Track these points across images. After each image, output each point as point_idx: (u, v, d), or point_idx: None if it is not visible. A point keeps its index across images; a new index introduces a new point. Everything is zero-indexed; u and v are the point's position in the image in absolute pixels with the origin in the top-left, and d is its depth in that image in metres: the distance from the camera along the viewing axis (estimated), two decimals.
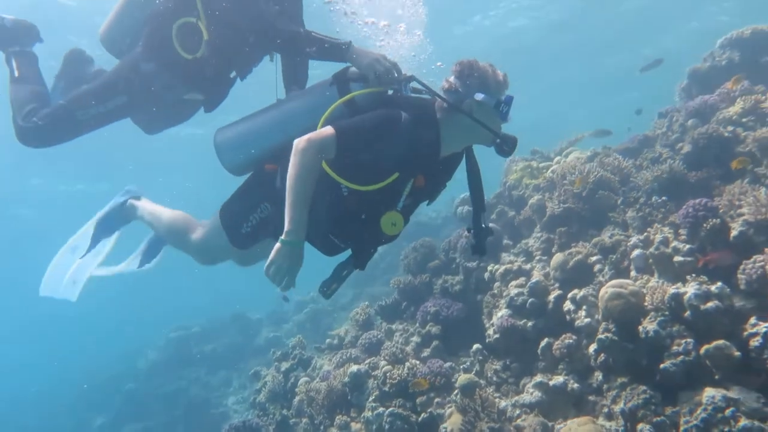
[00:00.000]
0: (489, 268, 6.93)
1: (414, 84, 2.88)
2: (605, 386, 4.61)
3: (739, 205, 4.60)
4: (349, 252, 2.95)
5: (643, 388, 4.12)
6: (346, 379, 6.55)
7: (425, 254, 8.23)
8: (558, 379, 5.03)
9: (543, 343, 5.40)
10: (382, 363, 6.57)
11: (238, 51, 3.31)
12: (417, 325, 7.27)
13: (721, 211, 4.67)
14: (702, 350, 3.87)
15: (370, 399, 6.11)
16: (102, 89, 3.34)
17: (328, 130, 2.58)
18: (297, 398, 7.45)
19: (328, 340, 9.44)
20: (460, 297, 7.22)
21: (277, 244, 2.50)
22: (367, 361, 6.88)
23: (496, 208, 8.03)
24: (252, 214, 2.98)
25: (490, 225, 3.01)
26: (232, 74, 3.55)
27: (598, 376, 4.73)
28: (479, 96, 2.68)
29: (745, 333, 3.92)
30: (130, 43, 3.51)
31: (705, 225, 4.53)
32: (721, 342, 3.83)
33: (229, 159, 3.05)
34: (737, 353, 3.79)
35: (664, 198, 5.60)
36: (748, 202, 4.52)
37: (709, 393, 3.74)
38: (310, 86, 3.16)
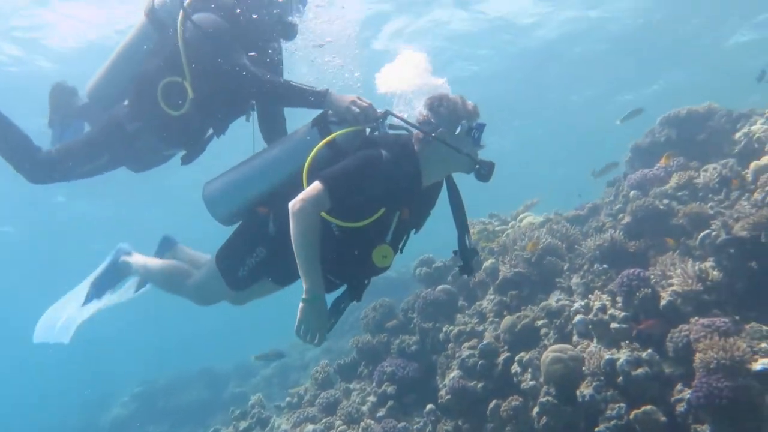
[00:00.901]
0: (444, 328, 7.17)
1: (391, 120, 3.05)
2: None
3: (670, 276, 4.97)
4: (341, 287, 3.09)
5: None
6: None
7: (384, 314, 8.43)
8: None
9: (492, 404, 5.61)
10: (338, 423, 6.70)
11: (221, 106, 3.46)
12: (374, 384, 7.41)
13: (653, 281, 5.02)
14: (632, 415, 4.14)
15: None
16: (86, 149, 3.49)
17: (318, 186, 2.68)
18: None
19: (288, 399, 9.48)
20: (417, 357, 7.41)
21: (300, 304, 2.61)
22: (323, 421, 7.00)
23: (452, 270, 8.31)
24: (248, 258, 3.08)
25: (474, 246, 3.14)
26: (209, 132, 3.71)
27: None
28: (452, 126, 2.85)
29: (672, 398, 4.20)
30: (116, 98, 3.64)
31: (638, 294, 4.87)
32: (649, 407, 4.11)
33: (219, 210, 3.18)
34: (663, 418, 4.07)
35: (605, 266, 5.96)
36: (677, 274, 4.89)
37: None
38: (290, 133, 3.29)
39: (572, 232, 7.11)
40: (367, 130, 3.06)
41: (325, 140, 2.89)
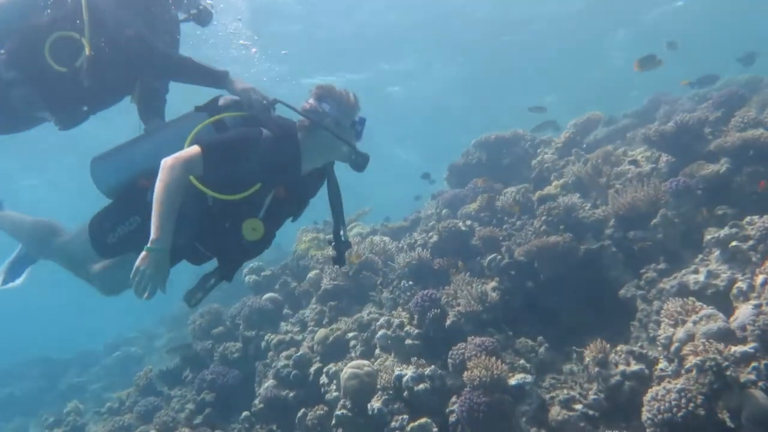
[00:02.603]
0: (266, 337, 7.41)
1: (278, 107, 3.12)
2: None
3: (458, 297, 5.57)
4: (214, 263, 3.08)
5: None
6: None
7: (210, 320, 8.54)
8: None
9: (300, 413, 5.95)
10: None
11: (111, 74, 3.33)
12: (194, 392, 7.50)
13: (444, 301, 5.60)
14: (408, 427, 4.66)
15: None
16: None
17: (195, 149, 2.71)
18: None
19: (108, 404, 9.30)
20: (239, 364, 7.61)
21: (143, 252, 2.58)
22: (138, 429, 6.97)
23: (280, 278, 8.56)
24: (120, 225, 3.02)
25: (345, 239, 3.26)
26: (84, 108, 3.55)
27: None
28: (337, 116, 3.01)
29: (447, 410, 4.77)
30: None
31: (429, 314, 5.41)
32: (424, 420, 4.65)
33: (105, 184, 3.11)
34: (435, 429, 4.62)
35: (410, 282, 6.50)
36: (463, 295, 5.50)
37: None
38: (180, 115, 3.26)
39: (389, 247, 7.63)
40: None
41: (213, 118, 2.97)
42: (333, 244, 3.30)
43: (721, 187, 5.51)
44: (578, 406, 4.45)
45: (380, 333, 5.84)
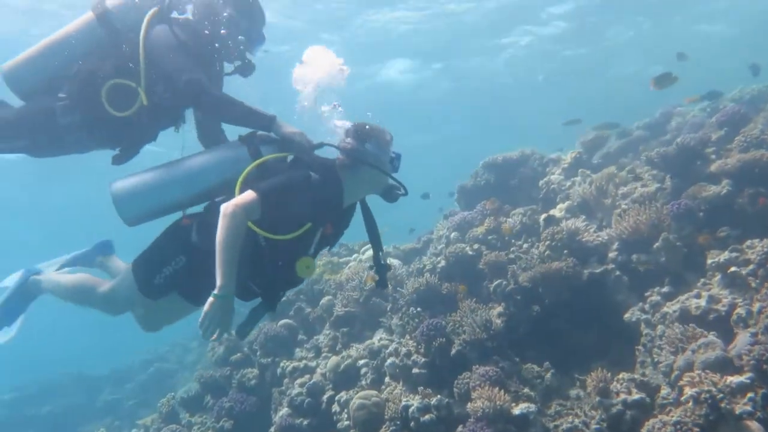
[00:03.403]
0: (281, 364, 7.55)
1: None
2: None
3: (463, 325, 5.66)
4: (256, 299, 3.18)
5: None
6: None
7: (229, 347, 8.68)
8: None
9: None
10: None
11: (167, 115, 3.50)
12: (213, 419, 7.66)
13: (449, 329, 5.69)
14: None
15: None
16: (5, 129, 3.42)
17: (252, 194, 2.83)
18: None
19: (134, 430, 9.48)
20: (256, 390, 7.75)
21: (210, 299, 2.69)
22: None
23: (295, 304, 8.70)
24: (166, 266, 3.11)
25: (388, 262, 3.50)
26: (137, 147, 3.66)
27: None
28: (378, 153, 3.15)
29: None
30: (38, 87, 3.53)
31: (434, 343, 5.51)
32: None
33: (131, 214, 3.14)
34: None
35: (419, 309, 6.60)
36: (468, 323, 5.59)
37: None
38: (216, 147, 3.38)
39: (399, 272, 7.74)
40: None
41: (257, 162, 3.05)
42: (374, 269, 3.45)
43: (722, 209, 5.54)
44: None
45: (389, 361, 5.95)
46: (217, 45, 3.47)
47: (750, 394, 3.79)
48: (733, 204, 5.48)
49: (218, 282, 2.70)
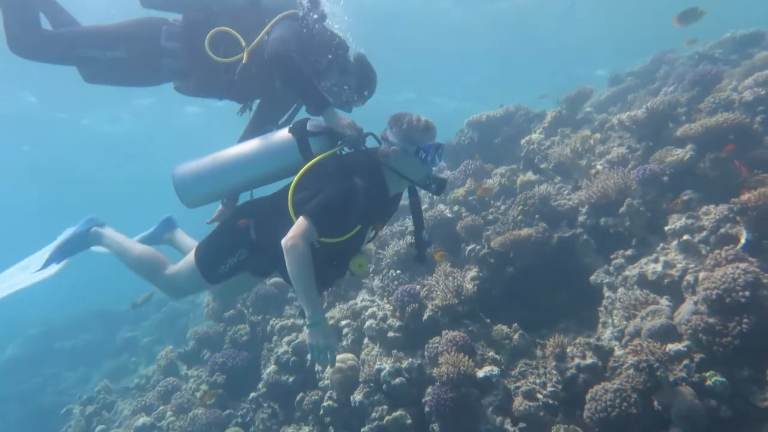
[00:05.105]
0: (271, 322, 7.89)
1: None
2: None
3: (436, 290, 5.92)
4: None
5: None
6: None
7: (222, 304, 9.05)
8: (305, 430, 6.10)
9: (298, 396, 6.44)
10: (168, 414, 7.35)
11: (250, 84, 3.72)
12: (207, 373, 8.09)
13: (422, 295, 5.96)
14: (385, 420, 5.09)
15: None
16: (109, 37, 3.68)
17: (304, 222, 2.94)
18: None
19: (136, 380, 10.03)
20: (248, 346, 8.14)
21: (306, 330, 2.92)
22: (158, 410, 7.62)
23: None
24: (230, 258, 3.32)
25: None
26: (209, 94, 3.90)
27: (331, 430, 5.86)
28: (401, 144, 3.18)
29: (423, 401, 5.18)
30: (164, 5, 3.83)
31: (408, 309, 5.78)
32: (398, 413, 5.07)
33: (189, 198, 3.44)
34: (410, 421, 5.05)
35: (398, 272, 6.86)
36: (441, 289, 5.85)
37: None
38: (267, 135, 3.50)
39: (382, 233, 7.95)
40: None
41: (309, 163, 3.20)
42: (414, 245, 3.57)
43: (686, 174, 5.69)
44: (539, 396, 4.82)
45: (368, 323, 6.23)
46: (322, 60, 3.70)
47: (686, 361, 4.05)
48: (695, 168, 5.62)
49: (306, 312, 2.86)
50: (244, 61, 3.54)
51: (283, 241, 2.89)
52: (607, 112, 9.25)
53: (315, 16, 3.70)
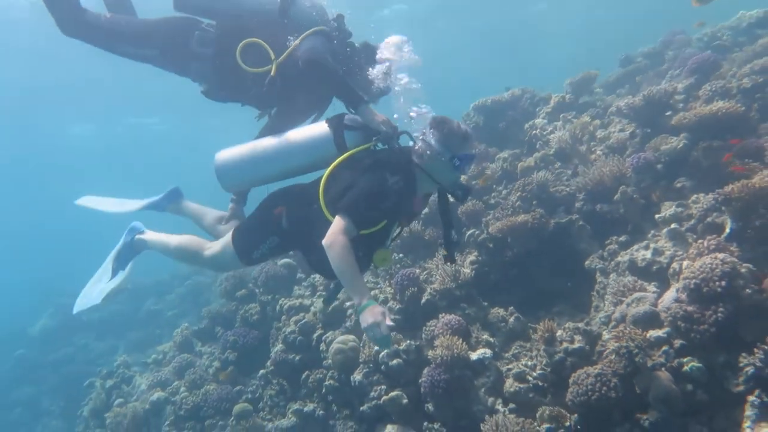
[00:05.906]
0: (280, 301, 8.17)
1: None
2: (332, 421, 6.06)
3: (434, 274, 6.13)
4: None
5: (351, 423, 5.59)
6: (147, 406, 7.63)
7: (235, 284, 9.35)
8: (310, 407, 6.39)
9: (304, 375, 6.73)
10: (182, 389, 7.70)
11: (276, 96, 3.86)
12: (218, 351, 8.42)
13: (421, 279, 6.17)
14: (383, 399, 5.35)
15: (166, 423, 7.26)
16: (144, 35, 3.87)
17: (341, 221, 3.07)
18: (109, 420, 8.38)
19: (153, 356, 10.40)
20: (258, 325, 8.43)
21: (360, 315, 2.96)
22: (173, 385, 7.98)
23: None
24: (263, 244, 3.50)
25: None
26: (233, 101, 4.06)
27: (333, 408, 6.15)
28: (438, 149, 3.23)
29: (420, 381, 5.43)
30: (200, 8, 3.98)
31: (407, 292, 6.00)
32: (395, 393, 5.32)
33: (228, 183, 3.64)
34: (405, 401, 5.30)
35: (401, 255, 7.08)
36: (439, 273, 6.06)
37: (388, 429, 5.25)
38: (304, 127, 3.64)
39: None
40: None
41: (346, 154, 3.34)
42: (443, 244, 3.63)
43: (680, 162, 5.79)
44: (529, 378, 5.04)
45: None
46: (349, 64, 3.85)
47: (665, 347, 4.24)
48: (689, 157, 5.71)
49: (355, 301, 3.01)
50: (272, 74, 3.70)
51: (324, 242, 3.04)
52: (615, 93, 9.30)
53: (340, 34, 3.88)
